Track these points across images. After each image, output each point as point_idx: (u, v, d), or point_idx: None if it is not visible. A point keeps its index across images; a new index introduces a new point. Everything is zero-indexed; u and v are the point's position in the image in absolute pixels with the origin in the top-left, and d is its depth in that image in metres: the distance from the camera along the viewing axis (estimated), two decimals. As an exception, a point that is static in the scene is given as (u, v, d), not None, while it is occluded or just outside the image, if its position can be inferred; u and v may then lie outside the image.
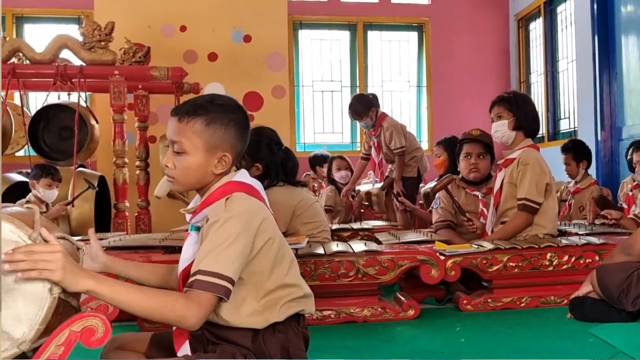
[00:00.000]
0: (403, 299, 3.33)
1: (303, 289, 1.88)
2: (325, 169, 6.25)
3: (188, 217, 1.86)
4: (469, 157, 4.22)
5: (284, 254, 1.85)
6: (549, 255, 3.38)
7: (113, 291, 1.57)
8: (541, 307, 3.36)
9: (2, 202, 4.61)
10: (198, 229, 1.83)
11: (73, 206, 5.30)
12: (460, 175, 4.33)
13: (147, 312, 1.61)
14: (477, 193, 4.23)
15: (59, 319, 1.56)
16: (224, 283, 1.63)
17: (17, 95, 5.95)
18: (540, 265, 3.38)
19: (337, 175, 5.89)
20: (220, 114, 1.79)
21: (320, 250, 3.21)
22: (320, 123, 8.46)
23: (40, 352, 1.54)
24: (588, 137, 6.31)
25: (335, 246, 3.32)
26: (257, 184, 1.86)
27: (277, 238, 1.82)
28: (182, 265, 1.83)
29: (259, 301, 1.78)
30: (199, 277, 1.63)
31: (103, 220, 5.93)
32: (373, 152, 5.83)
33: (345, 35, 8.61)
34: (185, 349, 1.79)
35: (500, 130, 3.77)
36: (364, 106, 5.65)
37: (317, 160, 6.83)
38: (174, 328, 1.80)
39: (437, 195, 4.41)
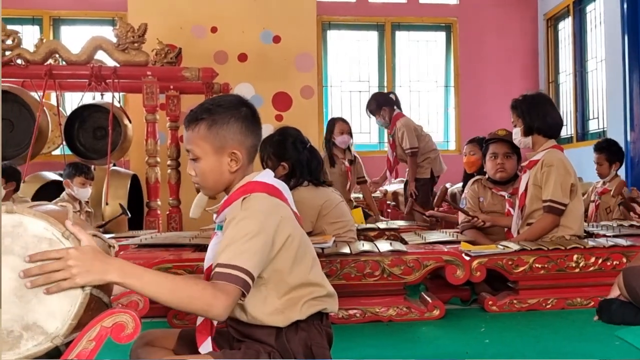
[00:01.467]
0: (428, 299, 3.32)
1: (326, 287, 1.88)
2: None
3: (214, 216, 1.89)
4: (495, 157, 4.19)
5: (305, 252, 1.85)
6: (575, 256, 3.34)
7: (141, 282, 1.57)
8: (567, 309, 3.32)
9: (38, 199, 4.69)
10: (222, 228, 1.85)
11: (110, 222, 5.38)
12: (487, 176, 4.30)
13: (174, 302, 1.60)
14: (503, 193, 4.19)
15: (90, 315, 1.58)
16: (242, 275, 1.63)
17: (53, 95, 6.06)
18: (566, 266, 3.33)
19: (339, 139, 5.52)
20: (221, 114, 1.81)
21: (346, 250, 3.21)
22: (348, 123, 8.45)
23: (73, 347, 1.56)
24: (617, 138, 6.17)
25: (361, 246, 3.32)
26: (280, 184, 1.87)
27: (298, 236, 1.83)
28: (207, 264, 1.85)
29: (280, 299, 1.78)
30: (218, 269, 1.64)
31: (136, 218, 5.99)
32: (388, 150, 5.83)
33: (373, 36, 8.58)
34: (207, 346, 1.80)
35: (517, 137, 3.78)
36: (376, 104, 5.75)
37: None
38: (198, 323, 1.82)
39: (463, 196, 4.39)
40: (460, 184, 5.69)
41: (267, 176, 1.86)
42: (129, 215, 5.40)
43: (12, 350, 1.51)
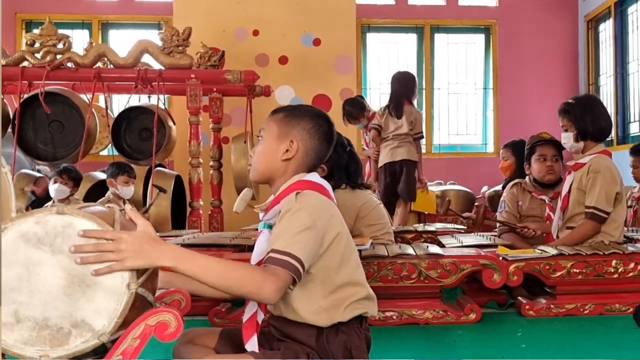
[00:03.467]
0: (465, 302, 3.29)
1: (367, 289, 1.89)
2: None
3: (261, 215, 1.91)
4: (544, 159, 4.11)
5: (351, 251, 1.87)
6: (614, 262, 3.27)
7: (191, 265, 1.60)
8: (605, 314, 3.26)
9: (87, 199, 4.78)
10: (270, 226, 1.87)
11: (153, 204, 5.45)
12: (528, 178, 4.24)
13: (225, 285, 1.62)
14: (544, 197, 4.13)
15: (135, 313, 1.61)
16: (294, 262, 1.64)
17: (102, 97, 6.18)
18: (605, 272, 3.27)
19: None
20: (301, 111, 1.91)
21: (384, 252, 3.20)
22: (386, 125, 8.41)
23: (118, 344, 1.59)
24: (659, 141, 6.04)
25: (398, 248, 3.31)
26: (326, 184, 1.91)
27: (345, 234, 1.85)
28: (254, 260, 1.87)
29: (326, 298, 1.79)
30: (271, 254, 1.65)
31: (179, 217, 6.07)
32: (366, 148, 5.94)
33: (412, 38, 8.53)
34: (253, 342, 1.82)
35: (567, 142, 3.67)
36: (359, 109, 5.89)
37: None
38: (244, 320, 1.84)
39: (501, 199, 4.34)
40: (499, 187, 5.62)
41: (314, 176, 1.89)
42: (166, 191, 5.44)
43: (62, 346, 1.55)
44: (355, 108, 5.88)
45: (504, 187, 4.88)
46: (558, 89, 8.03)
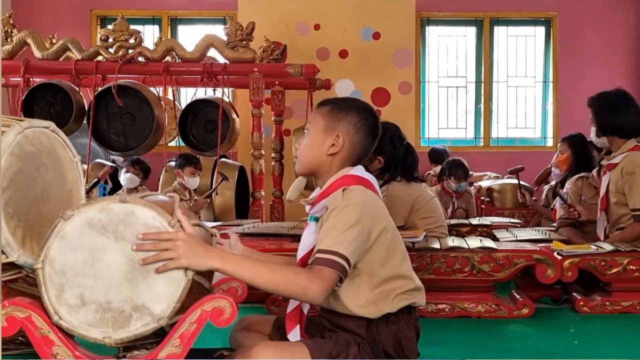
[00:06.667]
0: (518, 297, 3.22)
1: (415, 281, 1.87)
2: (438, 168, 6.05)
3: (307, 208, 1.91)
4: None
5: (397, 245, 1.85)
6: (672, 260, 3.12)
7: (239, 268, 1.63)
8: (663, 313, 3.12)
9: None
10: (317, 219, 1.87)
11: (216, 194, 5.54)
12: (595, 174, 4.10)
13: (272, 286, 1.65)
14: None
15: (193, 299, 1.65)
16: (341, 261, 1.66)
17: (170, 90, 6.31)
18: (663, 270, 3.12)
19: None
20: (347, 105, 1.89)
21: (437, 245, 3.16)
22: (445, 118, 8.28)
23: (176, 328, 1.64)
24: None
25: (451, 241, 3.26)
26: (371, 178, 1.90)
27: (391, 229, 1.83)
28: (300, 254, 1.88)
29: (373, 291, 1.79)
30: (318, 255, 1.67)
31: (243, 207, 6.15)
32: None
33: (471, 31, 8.34)
34: (295, 333, 1.83)
35: (593, 136, 3.56)
36: None
37: (432, 157, 6.71)
38: (288, 311, 1.85)
39: (564, 191, 4.21)
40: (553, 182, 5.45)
41: (360, 170, 1.88)
42: (228, 179, 5.51)
43: (123, 329, 1.60)
44: None
45: (561, 182, 4.72)
46: (620, 82, 7.61)
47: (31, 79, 5.52)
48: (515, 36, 8.32)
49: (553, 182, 5.21)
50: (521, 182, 5.31)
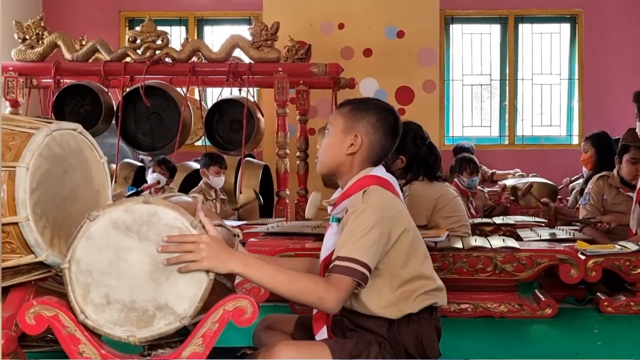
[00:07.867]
0: (541, 297, 3.18)
1: (436, 281, 1.87)
2: None
3: (329, 209, 1.92)
4: (636, 162, 3.92)
5: (418, 245, 1.85)
6: (700, 260, 3.05)
7: (259, 274, 1.65)
8: (689, 315, 3.06)
9: (182, 188, 4.91)
10: (339, 220, 1.87)
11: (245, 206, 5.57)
12: (616, 172, 4.04)
13: (290, 294, 1.67)
14: (631, 194, 3.91)
15: (215, 299, 1.66)
16: (359, 268, 1.66)
17: (196, 90, 6.35)
18: (690, 270, 3.06)
19: None
20: (368, 104, 1.89)
21: (459, 245, 3.14)
22: (469, 116, 8.20)
23: (199, 327, 1.65)
24: None
25: (474, 241, 3.24)
26: (392, 179, 1.89)
27: (412, 229, 1.83)
28: (323, 255, 1.88)
29: (394, 292, 1.78)
30: (337, 262, 1.68)
31: (268, 206, 6.16)
32: None
33: (496, 29, 8.25)
34: (322, 334, 1.84)
35: (638, 131, 3.48)
36: None
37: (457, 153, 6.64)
38: (314, 312, 1.86)
39: (586, 191, 4.15)
40: (581, 180, 5.37)
41: (380, 170, 1.88)
42: (262, 202, 5.55)
43: (147, 327, 1.61)
44: None
45: (586, 181, 4.65)
46: (647, 80, 7.53)
47: (61, 81, 5.60)
48: (540, 33, 8.20)
49: (581, 180, 5.14)
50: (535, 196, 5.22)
